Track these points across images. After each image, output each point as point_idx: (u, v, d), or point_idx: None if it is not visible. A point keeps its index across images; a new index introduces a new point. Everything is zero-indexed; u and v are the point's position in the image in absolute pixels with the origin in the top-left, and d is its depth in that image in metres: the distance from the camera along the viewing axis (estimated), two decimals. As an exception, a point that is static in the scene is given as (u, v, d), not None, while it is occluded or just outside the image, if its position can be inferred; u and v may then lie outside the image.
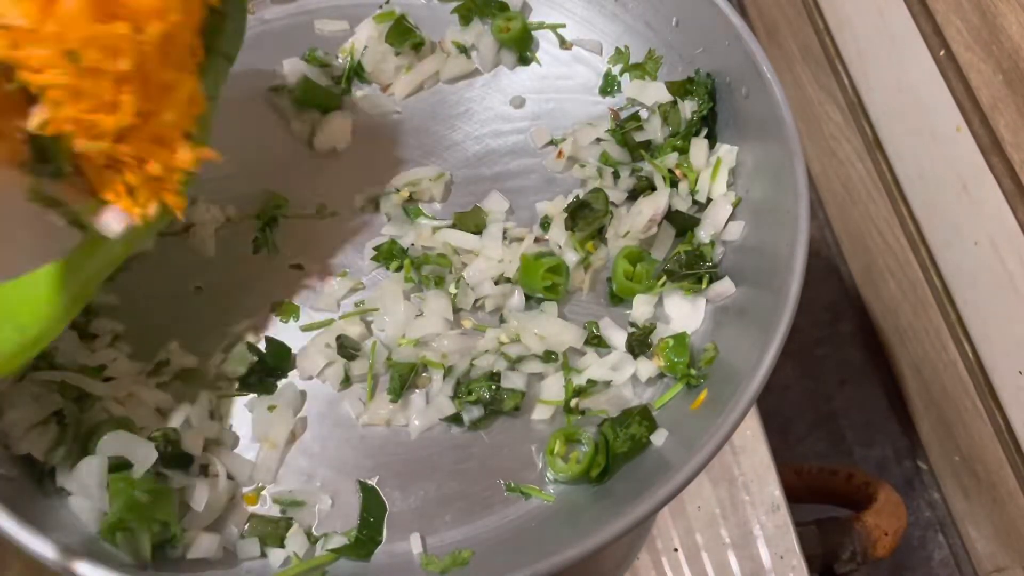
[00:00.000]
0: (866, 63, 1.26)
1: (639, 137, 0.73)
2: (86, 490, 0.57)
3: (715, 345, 0.65)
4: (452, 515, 0.62)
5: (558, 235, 0.70)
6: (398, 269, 0.70)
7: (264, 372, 0.65)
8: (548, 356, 0.67)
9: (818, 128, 1.44)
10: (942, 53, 1.04)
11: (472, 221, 0.71)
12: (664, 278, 0.67)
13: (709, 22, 0.71)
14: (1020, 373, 1.06)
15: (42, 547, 0.52)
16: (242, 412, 0.65)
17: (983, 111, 0.98)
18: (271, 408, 0.64)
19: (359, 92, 0.78)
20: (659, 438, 0.62)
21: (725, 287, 0.67)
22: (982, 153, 1.01)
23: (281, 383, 0.66)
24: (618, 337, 0.67)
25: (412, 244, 0.71)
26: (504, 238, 0.70)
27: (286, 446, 0.64)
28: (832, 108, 1.39)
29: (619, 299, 0.69)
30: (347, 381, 0.66)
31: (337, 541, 0.60)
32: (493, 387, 0.64)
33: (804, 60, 1.44)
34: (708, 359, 0.65)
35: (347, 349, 0.66)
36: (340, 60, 0.78)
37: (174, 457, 0.60)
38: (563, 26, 0.80)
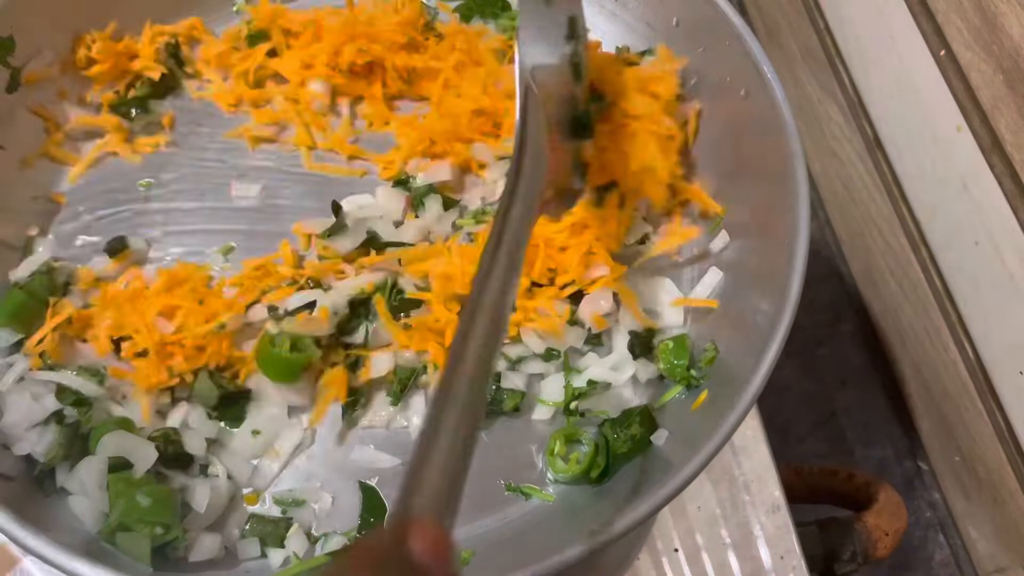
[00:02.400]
0: (866, 63, 1.26)
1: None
2: (86, 490, 0.57)
3: (715, 345, 0.65)
4: (452, 515, 0.62)
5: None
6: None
7: (230, 400, 0.64)
8: (548, 355, 0.67)
9: (818, 128, 1.44)
10: (942, 53, 1.04)
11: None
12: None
13: (709, 22, 0.70)
14: (1020, 373, 1.06)
15: (42, 547, 0.52)
16: (242, 412, 0.65)
17: (983, 111, 0.98)
18: (255, 433, 0.63)
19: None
20: (659, 438, 0.62)
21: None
22: (982, 153, 1.01)
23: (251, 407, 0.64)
24: (619, 338, 0.67)
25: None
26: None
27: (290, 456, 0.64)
28: (832, 108, 1.38)
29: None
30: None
31: (337, 541, 0.60)
32: (493, 387, 0.64)
33: (804, 60, 1.44)
34: (708, 359, 0.65)
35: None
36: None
37: (174, 457, 0.60)
38: (563, 26, 0.79)
